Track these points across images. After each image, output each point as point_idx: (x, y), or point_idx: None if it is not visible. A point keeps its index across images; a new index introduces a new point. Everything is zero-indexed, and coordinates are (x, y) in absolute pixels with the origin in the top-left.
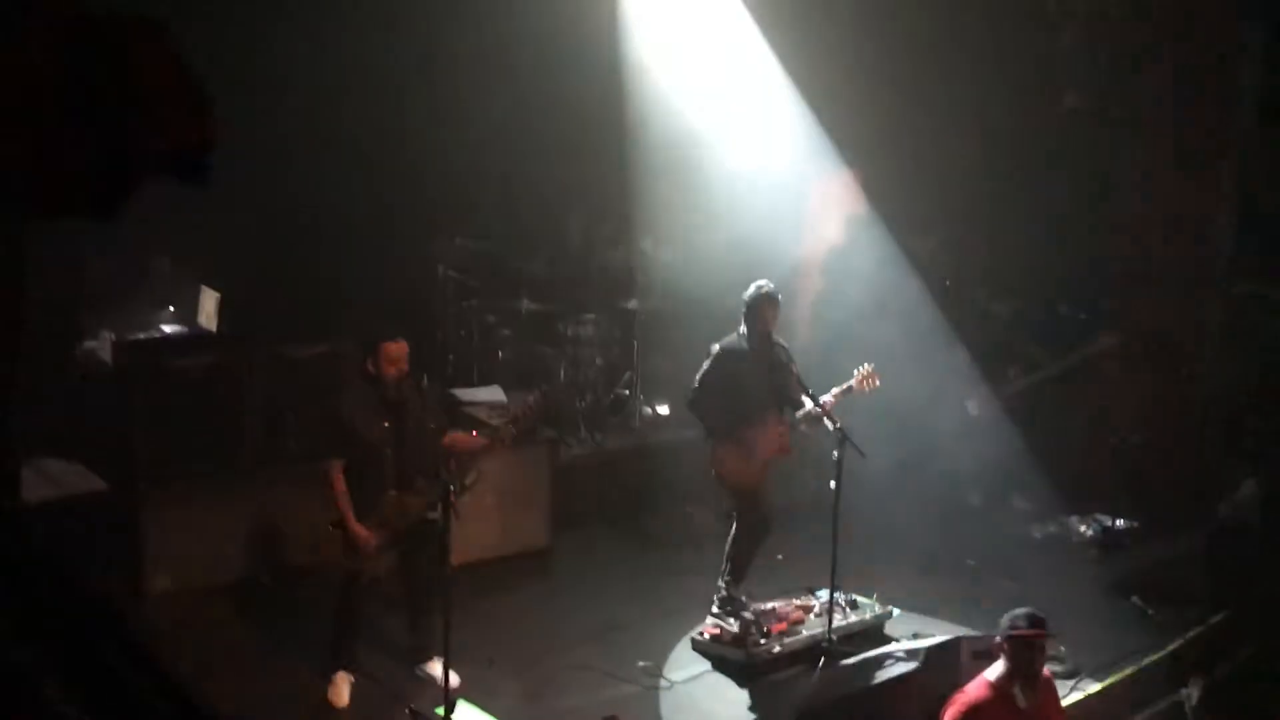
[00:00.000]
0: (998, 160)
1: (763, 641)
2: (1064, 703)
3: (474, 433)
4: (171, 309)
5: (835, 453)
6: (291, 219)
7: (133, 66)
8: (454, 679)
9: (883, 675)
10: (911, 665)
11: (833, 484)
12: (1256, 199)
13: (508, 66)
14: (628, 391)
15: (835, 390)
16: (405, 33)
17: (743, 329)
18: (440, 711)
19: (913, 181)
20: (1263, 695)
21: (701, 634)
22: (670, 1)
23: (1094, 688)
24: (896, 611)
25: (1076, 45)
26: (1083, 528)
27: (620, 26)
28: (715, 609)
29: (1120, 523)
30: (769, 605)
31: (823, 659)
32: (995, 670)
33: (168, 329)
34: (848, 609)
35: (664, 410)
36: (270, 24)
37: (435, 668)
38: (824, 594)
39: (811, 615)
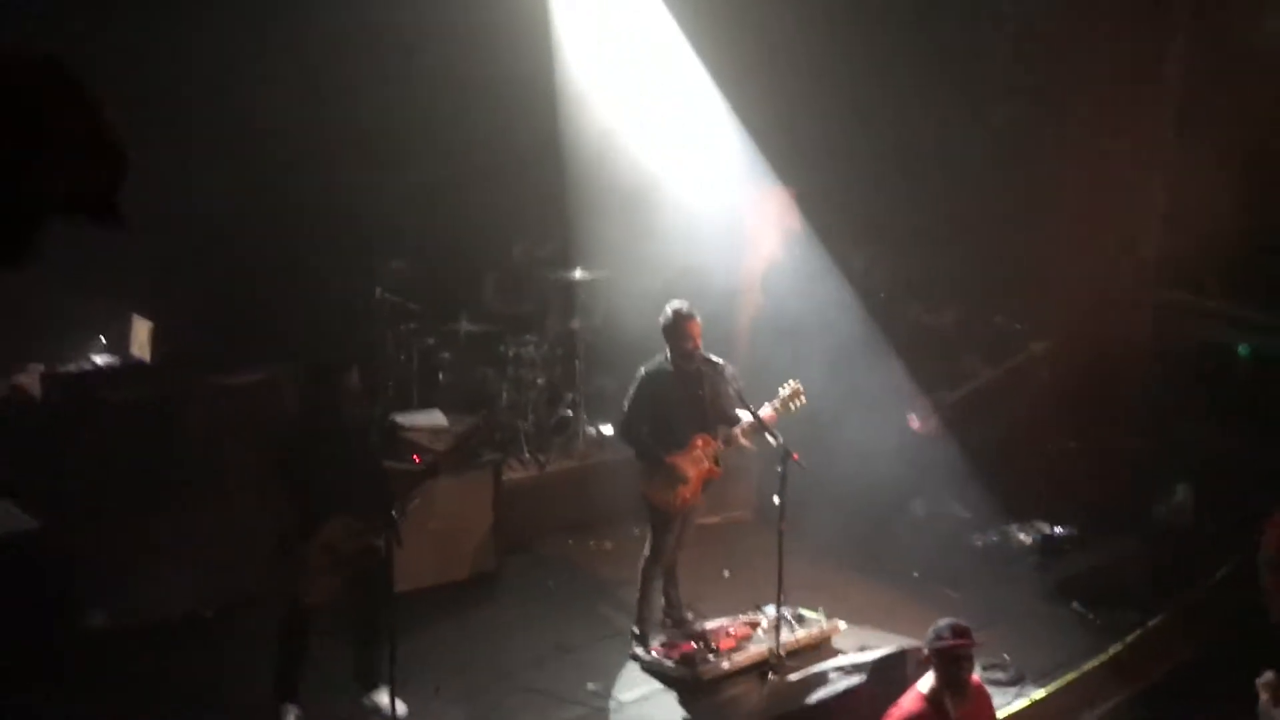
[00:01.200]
0: (930, 174)
1: (711, 658)
2: (1010, 710)
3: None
4: (102, 339)
5: (779, 468)
6: (225, 245)
7: (36, 105)
8: (400, 708)
9: (830, 689)
10: (858, 678)
11: (776, 499)
12: (1183, 208)
13: (446, 89)
14: (571, 412)
15: (764, 410)
16: (342, 56)
17: (666, 351)
18: None
19: (848, 197)
20: (1206, 694)
21: (650, 653)
22: (604, 23)
23: (1038, 693)
24: (843, 624)
25: (1006, 61)
26: (1022, 535)
27: (556, 49)
28: (635, 631)
29: (1059, 529)
30: (716, 622)
31: (770, 674)
32: (927, 681)
33: (99, 360)
34: (794, 623)
35: (607, 430)
36: (205, 48)
37: (381, 697)
38: (771, 609)
39: (759, 631)
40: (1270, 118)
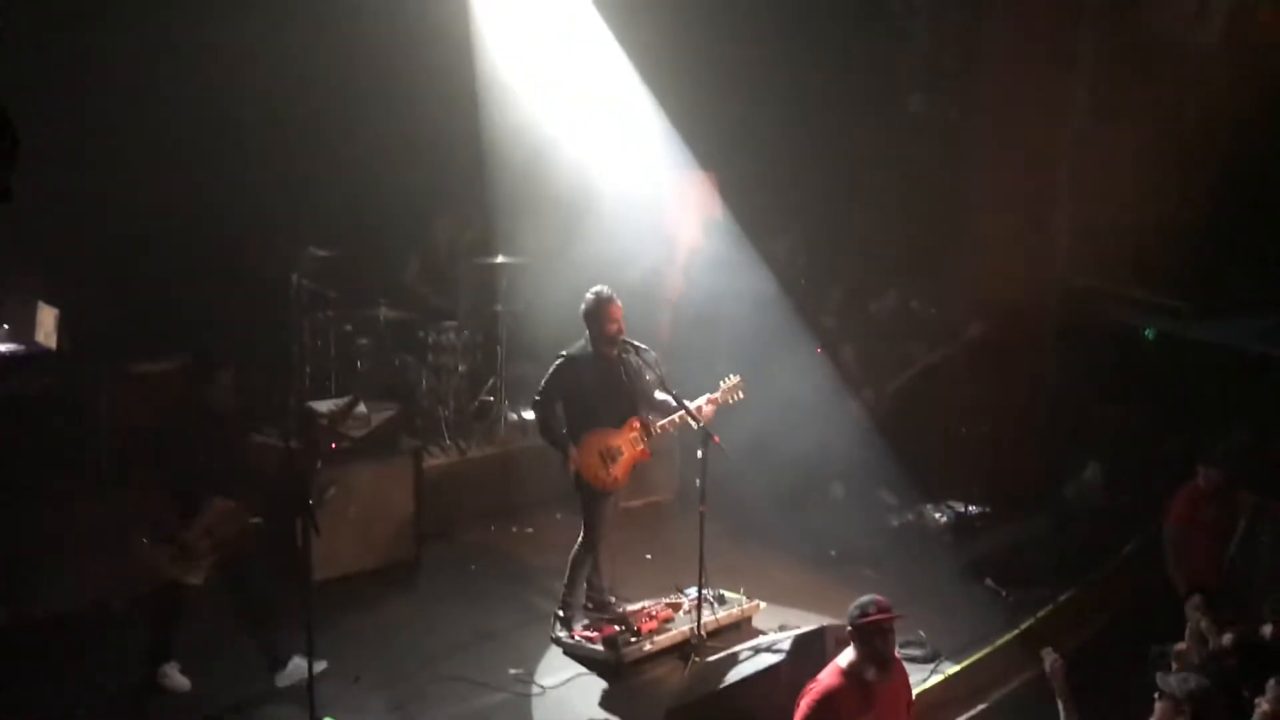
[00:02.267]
0: (847, 160)
1: (633, 641)
2: (925, 685)
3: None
4: (5, 326)
5: (700, 451)
6: (135, 230)
7: None
8: (319, 696)
9: (751, 668)
10: (778, 657)
11: (697, 481)
12: (1093, 193)
13: (362, 72)
14: (492, 398)
15: (702, 400)
16: (254, 37)
17: (587, 336)
18: None
19: (768, 184)
20: (1114, 666)
21: (572, 637)
22: (526, 8)
23: (953, 669)
24: (763, 604)
25: (921, 49)
26: (937, 515)
27: (477, 34)
28: (560, 614)
29: (972, 509)
30: (638, 605)
31: (692, 656)
32: (846, 657)
33: (1, 347)
34: (715, 604)
35: (529, 416)
36: (116, 31)
37: (292, 674)
38: (692, 591)
39: (680, 613)
40: (1180, 105)
